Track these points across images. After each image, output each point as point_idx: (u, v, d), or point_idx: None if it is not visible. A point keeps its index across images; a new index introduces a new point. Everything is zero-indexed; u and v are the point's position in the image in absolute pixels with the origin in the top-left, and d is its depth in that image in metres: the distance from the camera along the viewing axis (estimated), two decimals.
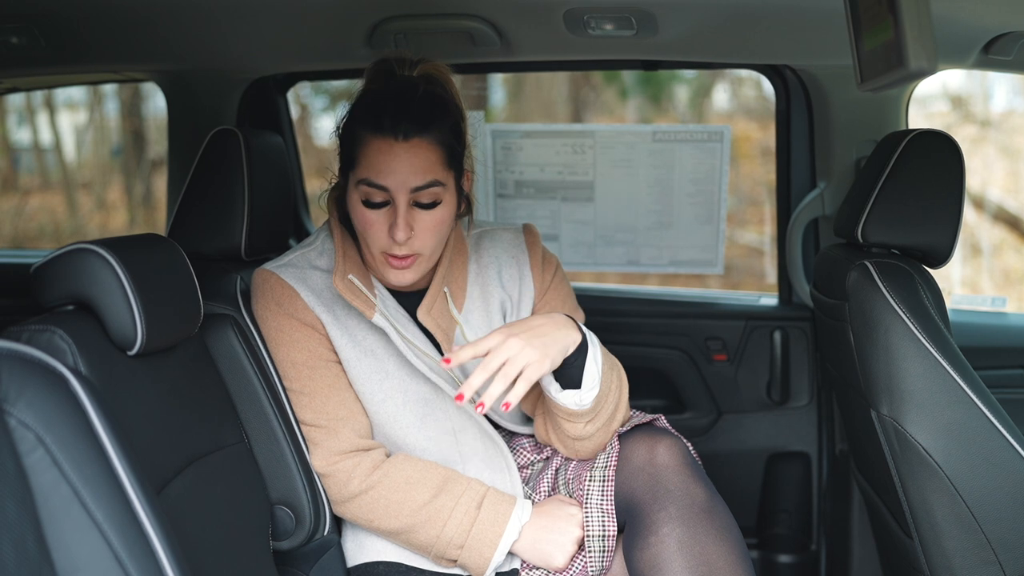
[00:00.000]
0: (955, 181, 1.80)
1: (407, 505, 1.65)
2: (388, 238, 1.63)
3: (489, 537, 1.64)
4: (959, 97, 5.51)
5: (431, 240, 1.65)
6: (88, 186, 6.80)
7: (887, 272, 1.71)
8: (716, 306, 2.59)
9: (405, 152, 1.58)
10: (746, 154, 5.04)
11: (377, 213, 1.63)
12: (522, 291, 1.83)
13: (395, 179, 1.59)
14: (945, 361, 1.64)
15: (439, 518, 1.64)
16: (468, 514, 1.65)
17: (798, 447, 2.55)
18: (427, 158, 1.60)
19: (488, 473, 1.74)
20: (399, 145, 1.58)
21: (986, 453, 1.62)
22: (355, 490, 1.68)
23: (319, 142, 5.97)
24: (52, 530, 1.00)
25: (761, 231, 5.11)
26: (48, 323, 1.32)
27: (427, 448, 1.73)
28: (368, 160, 1.60)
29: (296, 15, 1.91)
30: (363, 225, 1.65)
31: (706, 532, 1.55)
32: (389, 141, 1.58)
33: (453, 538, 1.64)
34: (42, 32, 1.95)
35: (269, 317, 1.72)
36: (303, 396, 1.71)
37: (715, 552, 1.54)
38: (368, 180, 1.60)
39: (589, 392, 1.60)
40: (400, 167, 1.59)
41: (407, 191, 1.60)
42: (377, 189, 1.60)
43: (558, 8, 1.84)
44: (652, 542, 1.56)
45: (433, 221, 1.63)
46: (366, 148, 1.61)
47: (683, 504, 1.57)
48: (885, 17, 1.24)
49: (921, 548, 1.71)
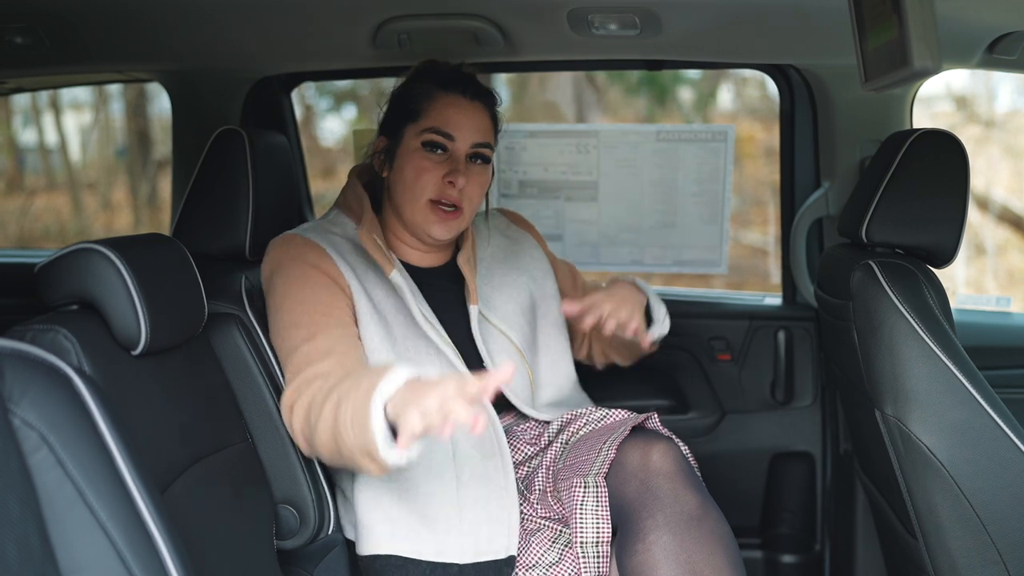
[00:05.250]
0: (959, 181, 1.79)
1: (329, 424, 1.53)
2: (442, 183, 1.77)
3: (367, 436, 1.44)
4: (963, 97, 5.50)
5: (476, 196, 1.82)
6: (93, 186, 6.81)
7: (891, 272, 1.71)
8: (720, 306, 2.59)
9: (472, 109, 1.80)
10: (750, 154, 5.03)
11: (434, 158, 1.78)
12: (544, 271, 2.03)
13: (462, 131, 1.78)
14: (950, 361, 1.64)
15: (344, 423, 1.50)
16: (357, 412, 1.47)
17: (802, 447, 2.54)
18: (484, 120, 1.82)
19: (479, 457, 1.73)
20: (467, 102, 1.80)
21: (991, 453, 1.62)
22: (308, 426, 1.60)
23: (324, 143, 5.98)
24: (56, 529, 1.00)
25: (765, 231, 5.10)
26: (52, 323, 1.32)
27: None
28: (437, 111, 1.79)
29: (300, 15, 1.91)
30: (417, 173, 1.77)
31: (694, 540, 1.55)
32: (459, 97, 1.80)
33: (356, 441, 1.47)
34: (46, 32, 1.95)
35: (287, 267, 1.73)
36: (299, 329, 1.66)
37: (703, 560, 1.54)
38: (437, 128, 1.78)
39: (663, 325, 1.95)
40: (467, 121, 1.79)
41: (468, 144, 1.79)
42: (444, 136, 1.78)
43: (562, 8, 1.84)
44: (639, 549, 1.56)
45: (481, 178, 1.82)
46: (434, 102, 1.80)
47: (672, 511, 1.57)
48: (889, 16, 1.24)
49: (925, 548, 1.71)
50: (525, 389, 1.89)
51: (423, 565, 1.67)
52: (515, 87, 5.16)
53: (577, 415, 1.84)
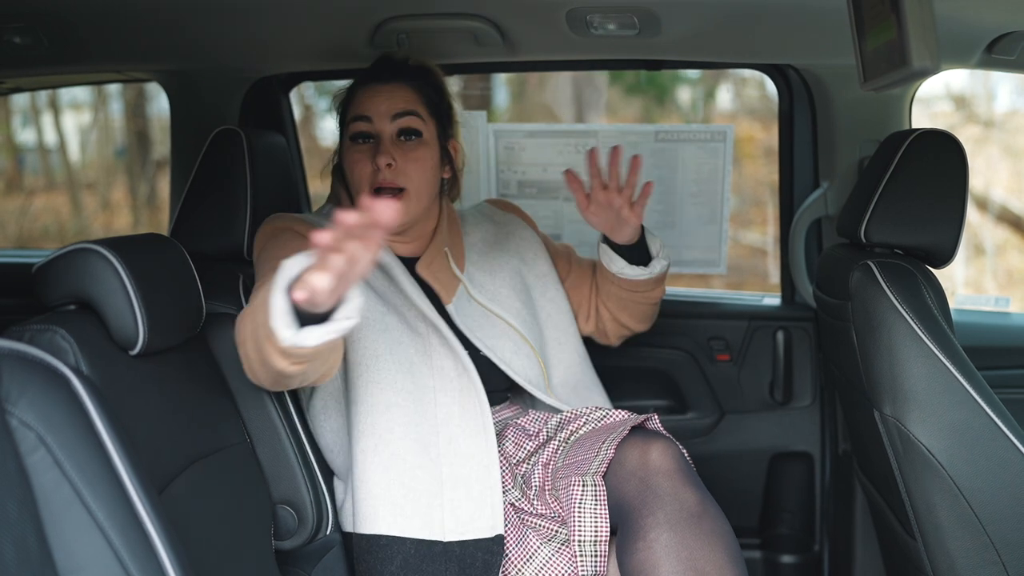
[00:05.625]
0: (958, 181, 1.79)
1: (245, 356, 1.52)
2: (374, 170, 1.80)
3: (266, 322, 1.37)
4: (962, 97, 5.50)
5: (415, 174, 1.82)
6: (92, 186, 6.81)
7: (890, 272, 1.71)
8: (719, 306, 2.58)
9: (387, 89, 1.85)
10: (749, 154, 5.04)
11: (363, 149, 1.82)
12: (535, 251, 2.05)
13: (377, 110, 1.83)
14: (949, 361, 1.64)
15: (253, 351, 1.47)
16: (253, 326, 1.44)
17: (801, 447, 2.54)
18: (405, 96, 1.85)
19: (463, 437, 1.73)
20: (381, 86, 1.85)
21: (989, 453, 1.62)
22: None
23: (324, 143, 5.97)
24: (53, 530, 1.00)
25: (764, 231, 5.11)
26: (50, 323, 1.32)
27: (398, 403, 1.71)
28: (355, 101, 1.86)
29: (299, 15, 1.91)
30: (352, 167, 1.83)
31: (695, 536, 1.55)
32: (372, 85, 1.86)
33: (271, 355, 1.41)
34: (45, 32, 1.95)
35: (274, 238, 1.74)
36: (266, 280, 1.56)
37: (704, 557, 1.54)
38: (356, 115, 1.84)
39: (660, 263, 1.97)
40: (382, 100, 1.84)
41: (387, 120, 1.82)
42: (362, 120, 1.83)
43: (561, 8, 1.83)
44: (640, 547, 1.56)
45: (415, 154, 1.83)
46: (354, 96, 1.87)
47: (672, 509, 1.57)
48: (888, 16, 1.24)
49: (924, 549, 1.71)
50: (534, 370, 1.90)
51: (408, 543, 1.66)
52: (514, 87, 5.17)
53: (577, 414, 1.84)
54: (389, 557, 1.65)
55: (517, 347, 1.90)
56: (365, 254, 1.18)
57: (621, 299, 2.02)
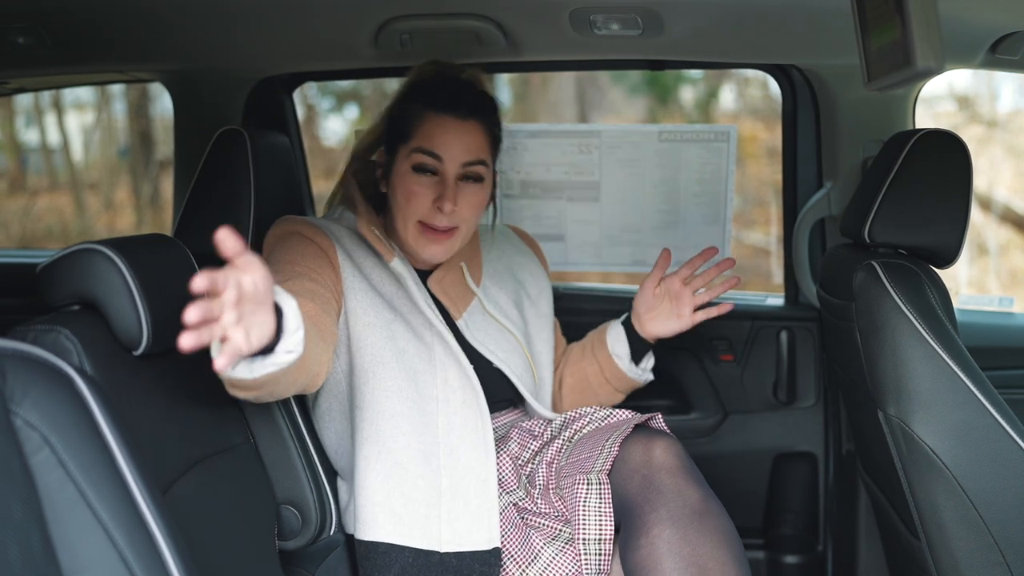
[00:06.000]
0: (962, 181, 1.79)
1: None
2: (432, 208, 1.76)
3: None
4: (966, 97, 5.50)
5: (471, 215, 1.79)
6: (96, 187, 6.82)
7: (894, 272, 1.71)
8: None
9: (461, 129, 1.76)
10: (752, 154, 5.04)
11: (424, 182, 1.76)
12: (541, 289, 2.04)
13: (449, 151, 1.75)
14: (953, 362, 1.63)
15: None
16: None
17: (804, 447, 2.54)
18: (478, 139, 1.78)
19: (463, 449, 1.72)
20: (456, 122, 1.76)
21: (994, 454, 1.62)
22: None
23: (327, 143, 5.98)
24: (58, 530, 1.00)
25: (767, 231, 5.11)
26: (54, 323, 1.32)
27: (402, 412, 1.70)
28: (426, 132, 1.76)
29: (302, 15, 1.91)
30: (407, 195, 1.77)
31: (698, 533, 1.55)
32: (447, 118, 1.76)
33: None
34: (48, 32, 1.95)
35: (283, 240, 1.73)
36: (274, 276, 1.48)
37: (707, 554, 1.54)
38: (423, 148, 1.75)
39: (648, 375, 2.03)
40: (455, 141, 1.76)
41: (458, 164, 1.76)
42: (431, 157, 1.75)
43: (564, 8, 1.83)
44: (643, 543, 1.56)
45: (476, 198, 1.79)
46: (423, 122, 1.77)
47: (675, 506, 1.57)
48: (892, 16, 1.24)
49: (928, 549, 1.71)
50: (529, 378, 1.91)
51: (406, 551, 1.66)
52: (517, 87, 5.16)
53: (581, 414, 1.84)
54: (387, 564, 1.65)
55: (526, 365, 1.92)
56: (244, 276, 1.16)
57: (587, 381, 2.05)
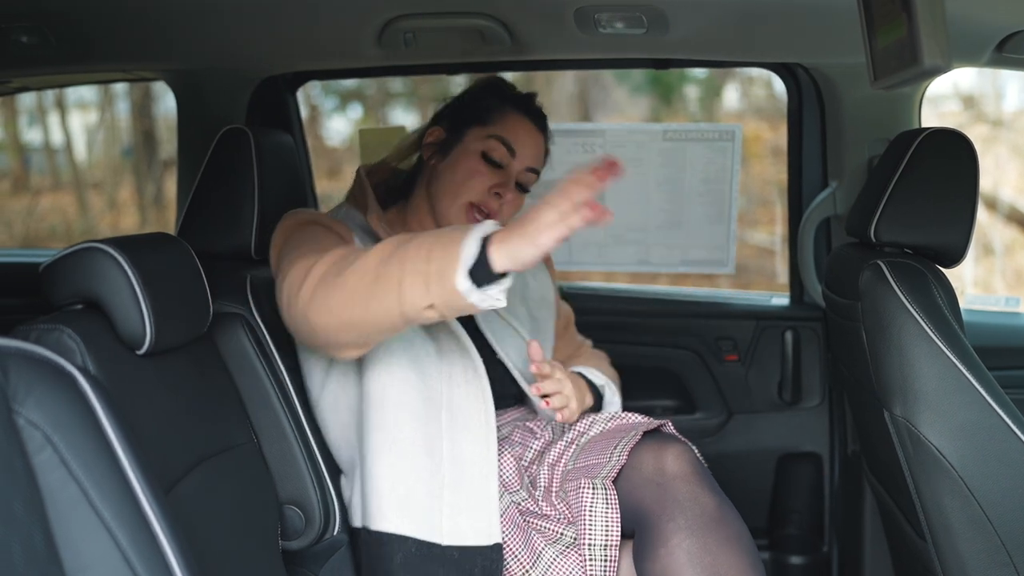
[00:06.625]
0: (969, 180, 1.78)
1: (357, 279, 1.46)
2: (488, 193, 1.80)
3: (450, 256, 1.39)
4: (971, 96, 5.49)
5: (509, 216, 1.84)
6: (99, 186, 6.82)
7: (900, 272, 1.70)
8: (727, 306, 2.58)
9: (536, 136, 1.88)
10: (757, 154, 5.03)
11: (486, 166, 1.82)
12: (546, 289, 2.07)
13: (524, 150, 1.84)
14: (959, 361, 1.63)
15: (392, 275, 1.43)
16: (420, 253, 1.42)
17: (810, 448, 2.53)
18: (541, 149, 1.91)
19: (466, 442, 1.72)
20: (534, 129, 1.88)
21: (1000, 454, 1.61)
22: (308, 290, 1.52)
23: (330, 142, 5.98)
24: (60, 529, 1.00)
25: (772, 231, 5.10)
26: (57, 322, 1.32)
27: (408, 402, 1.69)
28: (508, 124, 1.85)
29: (306, 14, 1.91)
30: (468, 174, 1.81)
31: (716, 542, 1.55)
32: (528, 121, 1.87)
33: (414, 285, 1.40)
34: (52, 31, 1.95)
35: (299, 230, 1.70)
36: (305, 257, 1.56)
37: (726, 562, 1.54)
38: (502, 137, 1.83)
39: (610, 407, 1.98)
40: (531, 143, 1.86)
41: (525, 164, 1.85)
42: (506, 148, 1.83)
43: (568, 6, 1.83)
44: (662, 554, 1.56)
45: (518, 203, 1.86)
46: (505, 116, 1.86)
47: (692, 514, 1.57)
48: (898, 15, 1.23)
49: (934, 550, 1.70)
50: (532, 376, 1.89)
51: (409, 542, 1.65)
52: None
53: (585, 413, 1.84)
54: (391, 554, 1.65)
55: (527, 364, 1.90)
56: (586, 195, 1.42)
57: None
